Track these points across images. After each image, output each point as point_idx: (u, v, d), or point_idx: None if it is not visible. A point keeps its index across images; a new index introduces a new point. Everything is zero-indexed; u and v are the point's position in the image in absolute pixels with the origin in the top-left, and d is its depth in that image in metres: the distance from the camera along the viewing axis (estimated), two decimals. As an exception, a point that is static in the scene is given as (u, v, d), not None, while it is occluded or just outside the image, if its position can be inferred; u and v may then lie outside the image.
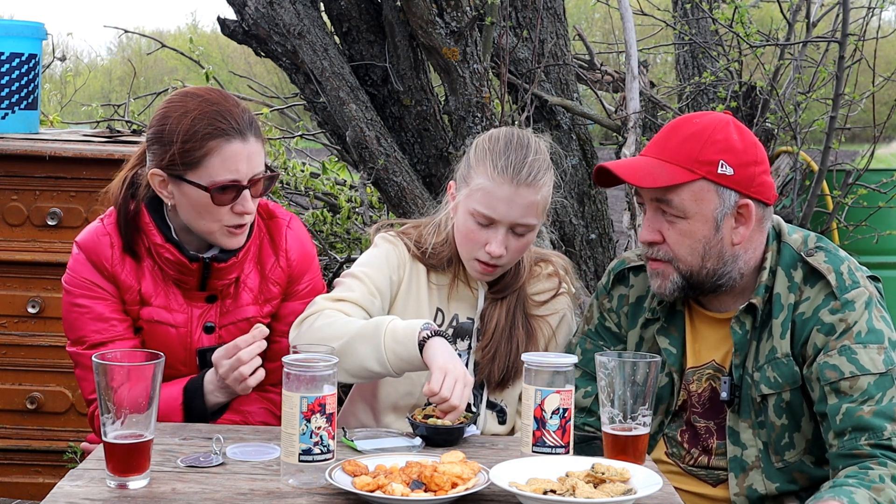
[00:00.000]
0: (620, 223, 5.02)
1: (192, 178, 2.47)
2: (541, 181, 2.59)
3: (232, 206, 2.49)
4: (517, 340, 2.66)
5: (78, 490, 2.00)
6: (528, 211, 2.58)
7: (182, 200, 2.51)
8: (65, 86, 10.57)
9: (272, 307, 2.68)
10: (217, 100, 2.50)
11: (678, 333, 2.51)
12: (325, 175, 5.44)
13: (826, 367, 2.30)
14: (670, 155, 2.37)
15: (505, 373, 2.66)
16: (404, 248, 2.71)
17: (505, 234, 2.59)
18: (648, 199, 2.40)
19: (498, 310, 2.68)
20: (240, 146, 2.47)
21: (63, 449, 3.77)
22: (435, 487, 1.96)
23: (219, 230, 2.52)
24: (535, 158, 2.60)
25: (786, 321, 2.38)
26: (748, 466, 2.39)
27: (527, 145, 2.63)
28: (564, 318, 2.75)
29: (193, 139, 2.45)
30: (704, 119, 2.41)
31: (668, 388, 2.51)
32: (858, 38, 4.66)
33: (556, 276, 2.77)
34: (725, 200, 2.36)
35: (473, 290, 2.72)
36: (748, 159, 2.37)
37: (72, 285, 2.59)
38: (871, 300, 2.36)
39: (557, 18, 4.93)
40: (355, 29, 4.27)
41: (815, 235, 2.47)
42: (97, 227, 2.62)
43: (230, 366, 2.46)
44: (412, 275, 2.70)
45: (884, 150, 11.82)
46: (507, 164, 2.58)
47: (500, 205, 2.57)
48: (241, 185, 2.48)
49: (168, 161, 2.48)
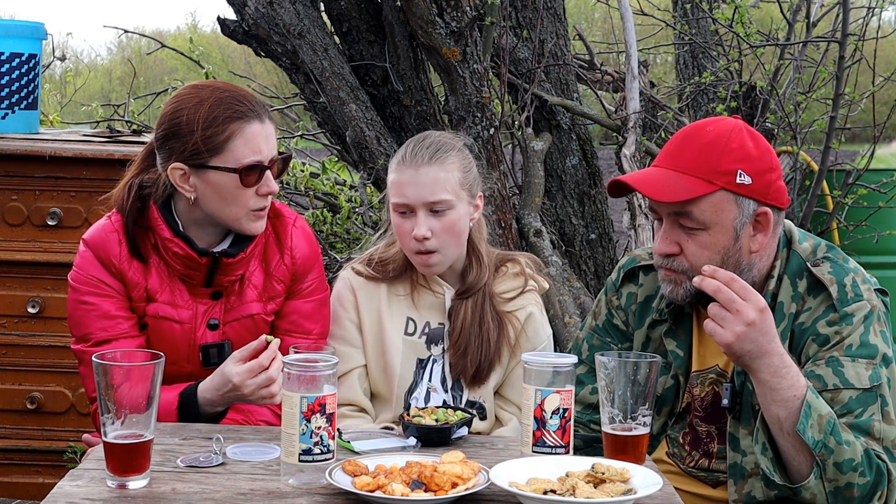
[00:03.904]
0: (620, 223, 5.02)
1: (217, 163, 2.50)
2: (441, 157, 2.69)
3: (257, 189, 2.53)
4: (486, 333, 2.72)
5: (78, 490, 1.99)
6: (436, 188, 2.67)
7: (206, 190, 2.53)
8: (65, 86, 10.57)
9: (276, 305, 2.68)
10: (227, 87, 2.58)
11: (685, 336, 2.50)
12: (325, 175, 5.44)
13: (811, 376, 2.28)
14: (687, 166, 2.33)
15: (478, 366, 2.71)
16: (353, 276, 2.80)
17: (425, 217, 2.67)
18: (666, 212, 2.36)
19: (464, 307, 2.74)
20: (259, 127, 2.53)
21: (63, 449, 3.77)
22: (435, 487, 1.95)
23: (245, 215, 2.55)
24: (433, 141, 2.73)
25: (785, 330, 2.36)
26: (747, 473, 2.38)
27: (427, 135, 2.78)
28: (532, 314, 2.79)
29: (214, 124, 2.49)
30: (717, 126, 2.37)
31: (674, 391, 2.50)
32: (858, 38, 4.66)
33: (523, 275, 2.82)
34: (744, 209, 2.33)
35: (438, 294, 2.77)
36: (764, 166, 2.35)
37: (78, 282, 2.59)
38: (872, 314, 2.32)
39: (557, 18, 4.94)
40: (355, 29, 4.27)
41: (825, 244, 2.44)
42: (105, 223, 2.62)
43: (258, 384, 2.45)
44: (369, 301, 2.77)
45: (884, 150, 11.83)
46: (406, 152, 2.73)
47: (408, 189, 2.68)
48: (264, 165, 2.53)
49: (190, 151, 2.50)
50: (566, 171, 4.87)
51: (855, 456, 2.17)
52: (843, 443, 2.17)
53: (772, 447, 2.24)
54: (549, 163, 4.82)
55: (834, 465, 2.16)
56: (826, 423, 2.16)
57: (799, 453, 2.20)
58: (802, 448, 2.17)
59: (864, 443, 2.23)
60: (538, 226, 4.37)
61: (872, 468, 2.20)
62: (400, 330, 2.74)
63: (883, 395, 2.27)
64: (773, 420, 2.20)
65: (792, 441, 2.19)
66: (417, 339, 2.75)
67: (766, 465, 2.23)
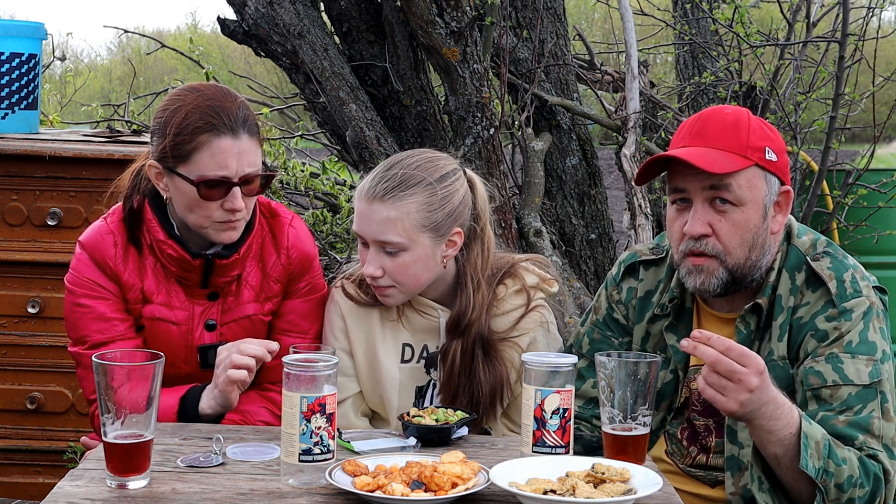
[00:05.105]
0: (620, 223, 5.03)
1: (181, 171, 2.48)
2: (397, 196, 2.49)
3: (222, 203, 2.49)
4: (477, 385, 2.58)
5: (78, 490, 1.99)
6: (384, 228, 2.50)
7: (175, 194, 2.52)
8: (65, 86, 10.57)
9: (273, 304, 2.68)
10: (214, 95, 2.51)
11: (686, 331, 2.50)
12: (325, 175, 5.44)
13: (811, 372, 2.29)
14: (720, 143, 2.32)
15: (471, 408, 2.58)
16: (343, 299, 2.65)
17: (376, 253, 2.52)
18: (700, 188, 2.32)
19: (453, 349, 2.59)
20: (229, 142, 2.46)
21: (63, 449, 3.76)
22: (435, 487, 1.95)
23: (210, 225, 2.52)
24: (399, 173, 2.52)
25: (784, 324, 2.36)
26: (744, 466, 2.38)
27: (398, 162, 2.56)
28: (534, 340, 2.64)
29: (184, 132, 2.46)
30: (732, 109, 2.39)
31: (672, 385, 2.51)
32: (858, 38, 4.66)
33: (524, 291, 2.65)
34: (772, 187, 2.34)
35: (430, 316, 2.63)
36: (782, 146, 2.38)
37: (74, 285, 2.60)
38: (871, 311, 2.32)
39: (557, 18, 4.94)
40: (355, 29, 4.27)
41: (824, 239, 2.44)
42: (100, 225, 2.62)
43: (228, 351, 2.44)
44: (359, 327, 2.64)
45: (884, 150, 11.83)
46: (367, 180, 2.55)
47: (360, 220, 2.54)
48: (230, 182, 2.47)
49: (161, 153, 2.50)
50: (566, 171, 4.87)
51: (853, 471, 2.18)
52: (840, 462, 2.17)
53: (767, 478, 2.24)
54: (549, 163, 4.82)
55: (835, 486, 2.16)
56: (823, 448, 2.16)
57: (799, 482, 2.20)
58: (803, 477, 2.17)
59: (860, 443, 2.23)
60: (538, 226, 4.37)
61: (870, 477, 2.20)
62: (396, 359, 2.63)
63: (882, 392, 2.28)
64: (772, 458, 2.20)
65: (792, 473, 2.19)
66: (416, 365, 2.65)
67: (765, 500, 2.23)
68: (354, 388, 2.66)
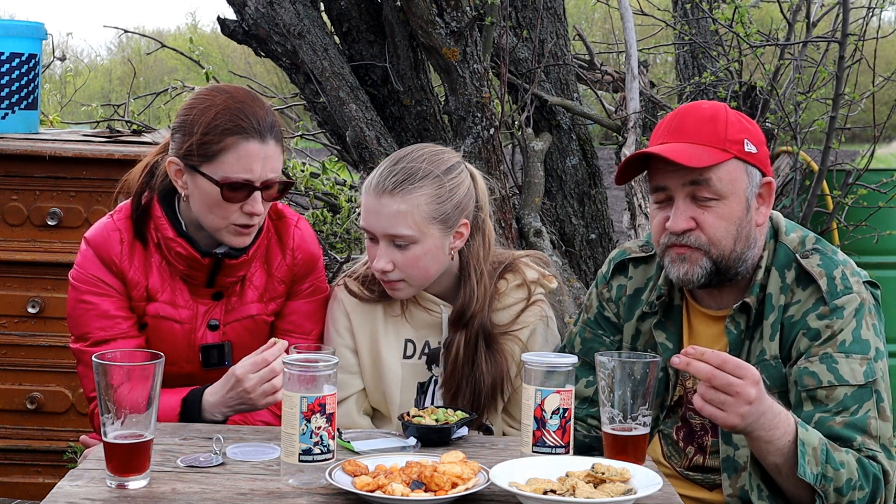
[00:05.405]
0: (620, 223, 5.02)
1: (206, 170, 2.49)
2: (406, 189, 2.52)
3: (242, 206, 2.50)
4: (479, 376, 2.60)
5: (78, 490, 2.00)
6: (395, 221, 2.52)
7: (194, 192, 2.52)
8: (65, 86, 10.58)
9: (276, 305, 2.69)
10: (243, 98, 2.52)
11: (675, 328, 2.50)
12: (325, 175, 5.44)
13: (805, 373, 2.28)
14: (698, 138, 2.32)
15: (472, 403, 2.60)
16: (347, 297, 2.68)
17: (386, 248, 2.54)
18: (681, 184, 2.33)
19: (456, 344, 2.61)
20: (257, 146, 2.48)
21: (63, 449, 3.77)
22: (435, 487, 1.95)
23: (226, 228, 2.52)
24: (406, 166, 2.55)
25: (775, 322, 2.36)
26: (740, 467, 2.38)
27: (406, 154, 2.59)
28: (535, 331, 2.67)
29: (213, 132, 2.47)
30: (708, 104, 2.39)
31: (664, 383, 2.50)
32: (858, 38, 4.66)
33: (525, 286, 2.68)
34: (753, 179, 2.35)
35: (433, 312, 2.65)
36: (761, 138, 2.38)
37: (79, 281, 2.60)
38: (863, 307, 2.31)
39: (557, 18, 4.93)
40: (355, 29, 4.27)
41: (813, 236, 2.43)
42: (107, 222, 2.62)
43: (260, 378, 2.43)
44: (364, 324, 2.66)
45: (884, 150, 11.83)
46: (374, 175, 2.57)
47: (368, 216, 2.56)
48: (252, 185, 2.49)
49: (186, 151, 2.50)
50: (566, 171, 4.87)
51: (852, 474, 2.18)
52: (838, 466, 2.17)
53: (766, 486, 2.24)
54: (549, 163, 4.82)
55: (835, 490, 2.16)
56: (820, 454, 2.16)
57: (799, 489, 2.20)
58: (802, 484, 2.17)
59: (859, 444, 2.23)
60: (538, 226, 4.37)
61: (869, 479, 2.20)
62: (398, 355, 2.66)
63: (878, 391, 2.27)
64: (772, 468, 2.21)
65: (792, 481, 2.19)
66: (417, 361, 2.66)
67: None
68: (358, 385, 2.67)
